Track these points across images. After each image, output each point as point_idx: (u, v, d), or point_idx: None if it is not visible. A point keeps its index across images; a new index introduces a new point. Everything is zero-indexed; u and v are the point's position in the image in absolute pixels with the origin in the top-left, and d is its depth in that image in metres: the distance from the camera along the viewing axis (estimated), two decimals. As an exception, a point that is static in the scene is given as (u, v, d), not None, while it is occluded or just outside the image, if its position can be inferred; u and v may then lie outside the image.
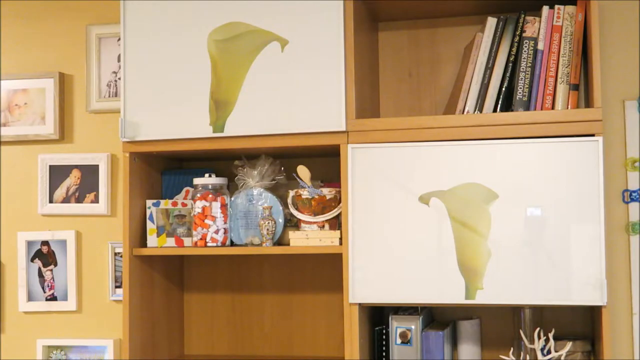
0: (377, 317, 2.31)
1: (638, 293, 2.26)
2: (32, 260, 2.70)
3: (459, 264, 2.00)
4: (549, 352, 2.07)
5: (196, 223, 2.23)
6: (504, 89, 2.10)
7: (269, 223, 2.20)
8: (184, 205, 2.34)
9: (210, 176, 2.25)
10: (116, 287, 2.62)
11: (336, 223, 2.20)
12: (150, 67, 2.22)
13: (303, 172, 2.22)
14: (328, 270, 2.43)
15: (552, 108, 2.05)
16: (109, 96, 2.66)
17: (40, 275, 2.69)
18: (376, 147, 2.07)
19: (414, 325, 2.17)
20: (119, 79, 2.60)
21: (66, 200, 2.68)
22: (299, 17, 2.13)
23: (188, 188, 2.42)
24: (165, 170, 2.49)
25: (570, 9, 2.06)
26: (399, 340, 2.18)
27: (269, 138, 2.15)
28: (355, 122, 2.09)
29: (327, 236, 2.16)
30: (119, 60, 2.62)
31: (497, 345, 2.31)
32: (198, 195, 2.24)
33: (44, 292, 2.68)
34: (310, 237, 2.17)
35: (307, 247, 2.17)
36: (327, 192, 2.20)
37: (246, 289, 2.55)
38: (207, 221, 2.22)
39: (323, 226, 2.19)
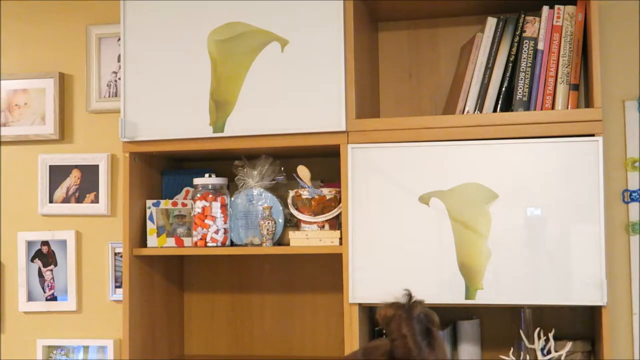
0: (377, 317, 2.31)
1: (638, 293, 2.26)
2: (32, 260, 2.70)
3: (459, 264, 2.00)
4: (549, 352, 2.07)
5: (196, 223, 2.23)
6: (504, 89, 2.10)
7: (269, 223, 2.20)
8: (184, 205, 2.34)
9: (210, 176, 2.25)
10: (116, 287, 2.61)
11: (336, 223, 2.20)
12: (150, 67, 2.22)
13: (303, 172, 2.22)
14: (328, 270, 2.42)
15: (552, 108, 2.05)
16: (109, 96, 2.66)
17: (40, 275, 2.69)
18: (376, 147, 2.07)
19: (414, 325, 2.16)
20: (119, 79, 2.60)
21: (66, 200, 2.67)
22: (299, 17, 2.13)
23: (188, 188, 2.42)
24: (165, 170, 2.49)
25: (570, 9, 2.06)
26: (399, 340, 2.17)
27: (269, 138, 2.15)
28: (355, 122, 2.09)
29: (327, 236, 2.16)
30: (119, 60, 2.62)
31: (497, 346, 2.31)
32: (198, 195, 2.24)
33: (44, 292, 2.68)
34: (310, 237, 2.17)
35: (307, 247, 2.17)
36: (327, 192, 2.19)
37: (246, 289, 2.55)
38: (207, 221, 2.22)
39: (323, 226, 2.19)
